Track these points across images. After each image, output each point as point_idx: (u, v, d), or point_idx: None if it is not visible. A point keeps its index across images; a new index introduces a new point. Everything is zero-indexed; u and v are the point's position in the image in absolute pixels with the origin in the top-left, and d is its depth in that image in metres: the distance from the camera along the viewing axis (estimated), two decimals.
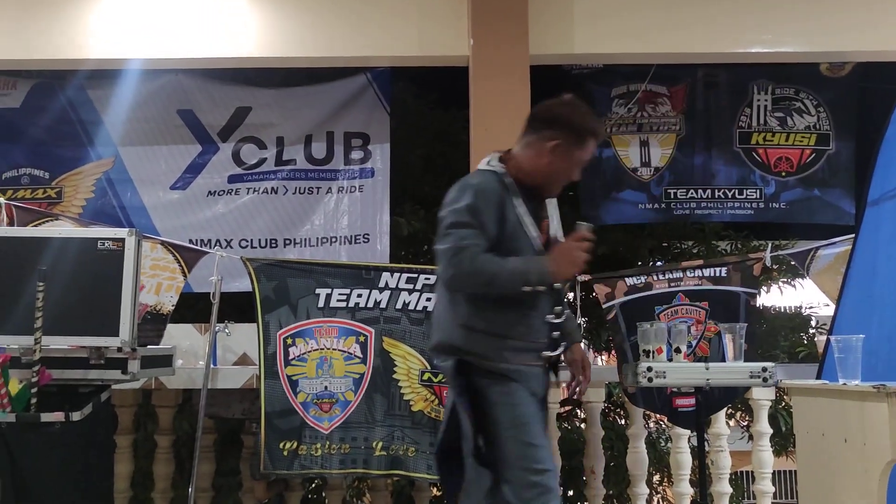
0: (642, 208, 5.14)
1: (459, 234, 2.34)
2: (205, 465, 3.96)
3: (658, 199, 5.12)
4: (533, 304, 2.43)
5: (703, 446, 3.34)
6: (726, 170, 5.12)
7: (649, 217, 5.20)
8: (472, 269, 2.32)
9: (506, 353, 2.41)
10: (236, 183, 5.03)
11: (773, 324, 5.53)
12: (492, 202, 2.37)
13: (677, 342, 3.19)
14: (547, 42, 4.34)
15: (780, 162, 5.09)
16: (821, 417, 2.67)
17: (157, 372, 3.49)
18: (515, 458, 2.38)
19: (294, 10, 4.41)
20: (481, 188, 2.40)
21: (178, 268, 3.90)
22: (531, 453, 2.39)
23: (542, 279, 2.34)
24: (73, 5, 4.39)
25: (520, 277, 2.33)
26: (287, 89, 5.06)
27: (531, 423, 2.42)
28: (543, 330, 2.46)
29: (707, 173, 5.13)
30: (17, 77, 5.01)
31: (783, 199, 5.09)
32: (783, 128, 5.11)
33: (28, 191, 5.01)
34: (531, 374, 2.45)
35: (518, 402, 2.41)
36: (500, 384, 2.41)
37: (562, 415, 5.55)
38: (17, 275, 3.06)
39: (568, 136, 2.43)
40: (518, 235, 2.42)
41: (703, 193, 5.11)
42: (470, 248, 2.32)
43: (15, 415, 2.90)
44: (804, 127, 5.10)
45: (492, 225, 2.37)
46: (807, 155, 5.09)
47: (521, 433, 2.40)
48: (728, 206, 5.11)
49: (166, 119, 5.06)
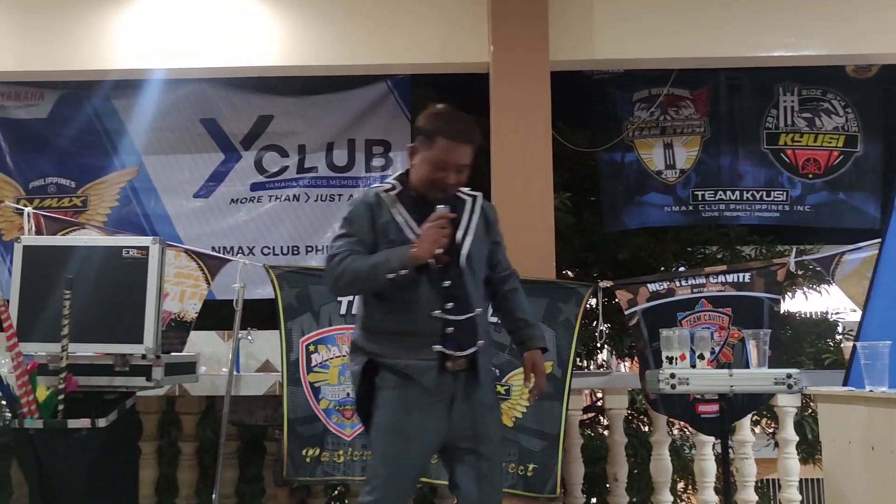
0: (668, 211, 5.07)
1: (333, 246, 2.54)
2: (228, 472, 3.99)
3: (685, 201, 5.04)
4: (413, 299, 2.46)
5: (727, 453, 3.31)
6: (754, 171, 5.04)
7: (677, 220, 5.12)
8: (341, 270, 2.46)
9: (395, 350, 2.48)
10: (258, 191, 5.07)
11: (798, 330, 5.47)
12: (362, 213, 2.53)
13: (700, 348, 3.16)
14: (567, 47, 4.33)
15: (808, 164, 5.00)
16: (847, 425, 2.64)
17: (180, 379, 3.53)
18: (369, 465, 2.54)
19: (315, 19, 4.44)
20: (353, 203, 2.61)
21: (201, 275, 3.93)
22: (373, 466, 2.52)
23: (403, 263, 2.38)
24: (99, 17, 4.44)
25: (382, 267, 2.41)
26: (308, 97, 5.10)
27: (390, 434, 2.48)
28: (432, 325, 2.47)
29: (735, 174, 5.05)
30: (44, 88, 5.09)
31: (808, 203, 5.01)
32: (811, 128, 5.02)
33: (55, 199, 5.08)
34: (422, 370, 2.45)
35: (393, 408, 2.48)
36: (391, 387, 2.48)
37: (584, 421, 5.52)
38: (44, 283, 3.12)
39: (421, 141, 2.54)
40: (398, 240, 2.50)
41: (732, 195, 5.03)
42: (340, 254, 2.48)
43: (43, 421, 2.95)
44: (832, 128, 5.02)
45: (367, 232, 2.51)
46: (835, 157, 5.01)
47: (379, 440, 2.50)
48: (755, 208, 5.03)
49: (189, 128, 5.11)
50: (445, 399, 2.48)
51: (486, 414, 2.54)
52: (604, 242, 5.52)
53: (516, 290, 2.73)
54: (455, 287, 2.50)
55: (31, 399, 2.97)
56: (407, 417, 2.47)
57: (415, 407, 2.46)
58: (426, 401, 2.47)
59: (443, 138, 2.48)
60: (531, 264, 3.90)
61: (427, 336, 2.46)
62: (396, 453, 2.48)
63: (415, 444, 2.48)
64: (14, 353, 2.98)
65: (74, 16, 4.45)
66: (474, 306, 2.52)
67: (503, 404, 3.65)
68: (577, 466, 3.93)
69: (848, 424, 2.63)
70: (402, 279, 2.39)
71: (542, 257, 3.98)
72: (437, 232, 2.40)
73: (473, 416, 2.50)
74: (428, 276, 2.45)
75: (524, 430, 3.65)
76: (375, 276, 2.41)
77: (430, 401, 2.47)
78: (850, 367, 3.06)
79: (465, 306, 2.50)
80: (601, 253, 5.57)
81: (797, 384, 3.03)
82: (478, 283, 2.59)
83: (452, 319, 2.47)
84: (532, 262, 3.92)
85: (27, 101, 5.11)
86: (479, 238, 2.60)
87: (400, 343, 2.48)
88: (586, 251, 5.57)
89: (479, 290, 2.59)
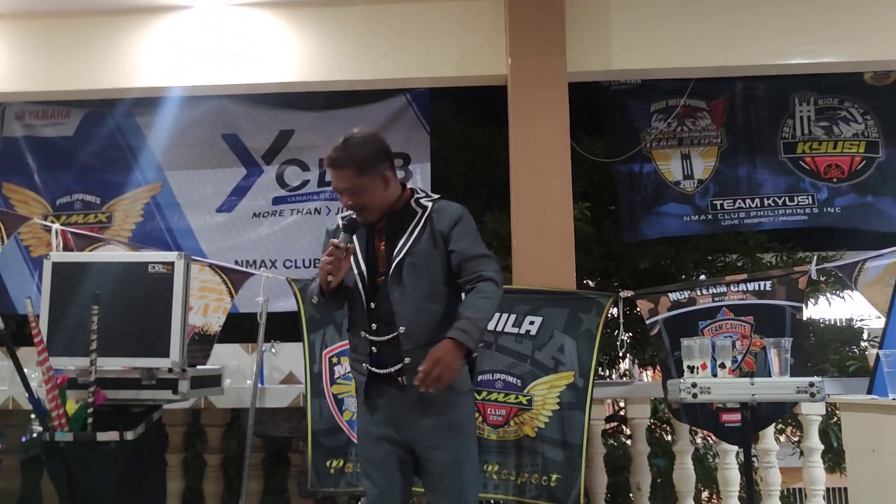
0: (688, 220, 5.06)
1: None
2: (253, 484, 4.02)
3: (704, 210, 5.04)
4: (353, 321, 2.68)
5: (749, 462, 3.30)
6: (773, 179, 5.03)
7: (696, 229, 5.12)
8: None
9: (350, 361, 2.75)
10: (280, 204, 5.13)
11: (822, 337, 5.44)
12: (325, 238, 2.76)
13: (722, 357, 3.15)
14: (585, 58, 4.34)
15: (830, 169, 4.98)
16: (871, 433, 2.63)
17: (206, 392, 3.56)
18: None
19: (335, 34, 4.50)
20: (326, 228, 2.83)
21: (225, 289, 3.98)
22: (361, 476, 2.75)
23: (315, 290, 2.66)
24: (123, 37, 4.53)
25: (311, 291, 2.71)
26: (329, 112, 5.15)
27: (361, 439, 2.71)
28: (363, 345, 2.63)
29: (753, 183, 5.04)
30: (70, 107, 5.19)
31: (837, 204, 4.96)
32: (830, 136, 5.01)
33: (81, 216, 5.16)
34: (359, 384, 2.66)
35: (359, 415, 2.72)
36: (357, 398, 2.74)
37: (607, 431, 5.52)
38: (73, 298, 3.17)
39: None
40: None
41: (752, 203, 5.02)
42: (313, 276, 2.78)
43: (73, 434, 2.99)
44: (852, 135, 5.00)
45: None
46: (857, 162, 4.98)
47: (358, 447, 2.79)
48: (780, 213, 5.00)
49: (211, 143, 5.17)
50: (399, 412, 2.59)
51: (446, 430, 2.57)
52: (624, 252, 5.53)
53: (473, 290, 2.55)
54: (380, 308, 2.59)
55: (61, 412, 3.02)
56: (368, 422, 2.65)
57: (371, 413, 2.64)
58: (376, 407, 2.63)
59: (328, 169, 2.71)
60: (551, 275, 3.94)
61: (361, 354, 2.63)
62: (372, 458, 2.62)
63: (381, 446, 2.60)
64: (45, 368, 3.04)
65: (99, 36, 4.54)
66: (398, 325, 2.54)
67: (525, 414, 3.67)
68: (600, 476, 3.93)
69: (872, 433, 2.62)
70: (319, 304, 2.67)
71: (562, 268, 3.99)
72: (323, 262, 2.57)
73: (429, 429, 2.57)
74: (358, 299, 2.62)
75: (547, 440, 3.65)
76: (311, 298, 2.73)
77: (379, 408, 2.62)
78: (875, 375, 3.04)
79: (388, 326, 2.56)
80: (621, 263, 5.58)
81: (819, 392, 3.01)
82: (413, 298, 2.54)
83: (375, 340, 2.59)
84: (552, 273, 3.95)
85: (54, 120, 5.21)
86: (419, 249, 2.57)
87: (351, 357, 2.73)
88: (606, 261, 5.58)
89: (416, 305, 2.54)
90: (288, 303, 4.15)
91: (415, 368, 2.46)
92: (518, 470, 3.65)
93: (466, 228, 2.62)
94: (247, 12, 4.53)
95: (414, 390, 2.49)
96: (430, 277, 2.57)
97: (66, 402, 3.06)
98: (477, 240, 2.64)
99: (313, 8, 4.51)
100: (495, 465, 3.66)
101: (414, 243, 2.57)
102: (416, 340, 2.53)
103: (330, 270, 2.53)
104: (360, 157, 2.57)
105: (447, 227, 2.60)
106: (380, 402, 2.61)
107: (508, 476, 3.65)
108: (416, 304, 2.55)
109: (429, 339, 2.50)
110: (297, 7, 4.51)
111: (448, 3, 4.46)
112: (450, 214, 2.62)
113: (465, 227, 2.62)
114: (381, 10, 4.48)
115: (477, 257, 2.59)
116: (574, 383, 3.67)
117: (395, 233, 2.61)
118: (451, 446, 2.57)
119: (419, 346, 2.51)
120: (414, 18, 4.47)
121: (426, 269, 2.57)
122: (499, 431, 3.68)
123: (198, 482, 4.24)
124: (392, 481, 2.58)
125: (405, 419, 2.57)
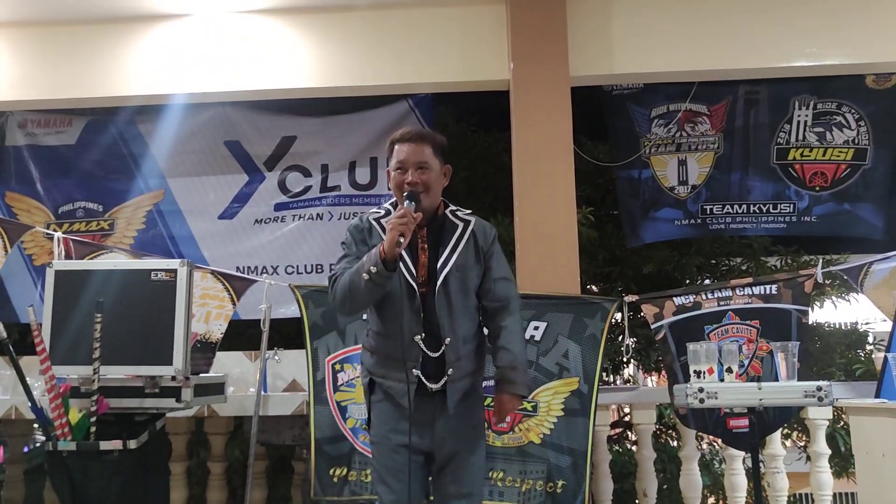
0: (678, 224, 5.15)
1: (333, 269, 2.66)
2: (257, 492, 4.00)
3: (694, 214, 5.14)
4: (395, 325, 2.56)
5: (757, 467, 3.27)
6: (762, 185, 5.11)
7: (686, 232, 5.20)
8: (336, 287, 2.58)
9: (382, 370, 2.63)
10: (282, 211, 5.12)
11: (827, 340, 5.41)
12: (356, 235, 2.67)
13: (728, 362, 3.13)
14: (587, 63, 4.34)
15: (815, 177, 5.07)
16: (880, 437, 2.61)
17: (209, 399, 3.55)
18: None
19: (337, 41, 4.50)
20: (349, 228, 2.72)
21: (227, 296, 3.97)
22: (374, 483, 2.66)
23: (375, 260, 2.45)
24: (124, 44, 4.54)
25: (359, 270, 2.49)
26: (331, 118, 5.15)
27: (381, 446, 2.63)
28: (410, 351, 2.55)
29: (743, 189, 5.13)
30: (72, 115, 5.19)
31: (815, 213, 5.07)
32: (821, 143, 5.07)
33: (83, 223, 5.16)
34: (402, 392, 2.56)
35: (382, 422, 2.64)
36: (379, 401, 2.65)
37: (612, 437, 5.49)
38: (76, 307, 3.16)
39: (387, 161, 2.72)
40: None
41: (739, 209, 5.11)
42: (335, 274, 2.60)
43: (75, 443, 2.98)
44: (843, 142, 5.06)
45: (360, 247, 2.63)
46: (842, 170, 5.05)
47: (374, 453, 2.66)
48: (762, 220, 5.11)
49: (214, 150, 5.18)
50: (427, 420, 2.58)
51: (467, 434, 2.62)
52: (627, 257, 5.52)
53: (506, 329, 2.66)
54: (429, 316, 2.57)
55: (64, 422, 3.01)
56: (392, 430, 2.59)
57: (398, 421, 2.58)
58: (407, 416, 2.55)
59: (395, 144, 2.67)
60: (555, 280, 3.92)
61: (410, 360, 2.57)
62: (392, 465, 2.58)
63: (401, 455, 2.56)
64: (47, 377, 3.03)
65: (101, 44, 4.55)
66: (444, 338, 2.56)
67: (530, 421, 3.65)
68: (606, 482, 3.91)
69: (881, 437, 2.60)
70: (377, 277, 2.44)
71: (566, 272, 3.98)
72: (395, 221, 2.45)
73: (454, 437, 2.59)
74: (408, 302, 2.55)
75: (552, 446, 3.63)
76: (357, 281, 2.49)
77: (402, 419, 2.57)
78: (882, 379, 3.02)
79: (437, 339, 2.57)
80: (625, 267, 5.56)
81: (827, 397, 2.99)
82: (457, 311, 2.59)
83: (426, 352, 2.56)
84: (556, 278, 3.93)
85: (56, 128, 5.22)
86: (464, 264, 2.61)
87: (385, 364, 2.63)
88: (610, 265, 5.57)
89: (458, 318, 2.59)
90: (291, 309, 4.13)
91: (456, 380, 2.56)
92: (523, 477, 3.63)
93: (499, 248, 2.74)
94: (248, 19, 4.53)
95: (452, 403, 2.56)
96: (470, 290, 2.65)
97: (69, 410, 3.05)
98: (506, 261, 2.76)
99: (315, 14, 4.51)
100: (500, 471, 3.63)
101: (459, 256, 2.62)
102: (458, 353, 2.59)
103: (403, 231, 2.43)
104: (441, 141, 2.71)
105: (488, 245, 2.70)
106: (407, 410, 2.55)
107: (513, 483, 3.63)
108: (459, 316, 2.60)
109: (462, 354, 2.60)
110: (300, 13, 4.51)
111: (450, 9, 4.46)
112: (489, 232, 2.73)
113: (498, 247, 2.74)
114: (384, 17, 4.48)
115: (506, 279, 2.72)
116: (579, 389, 3.66)
117: (437, 243, 2.63)
118: (470, 446, 2.65)
119: (458, 358, 2.59)
120: (416, 24, 4.47)
121: (468, 282, 2.63)
122: (504, 438, 3.66)
123: (201, 491, 4.22)
124: (409, 489, 2.57)
125: (433, 426, 2.59)
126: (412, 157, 2.61)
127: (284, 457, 4.47)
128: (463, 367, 2.60)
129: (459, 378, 2.58)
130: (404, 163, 2.61)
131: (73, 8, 4.46)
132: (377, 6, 4.48)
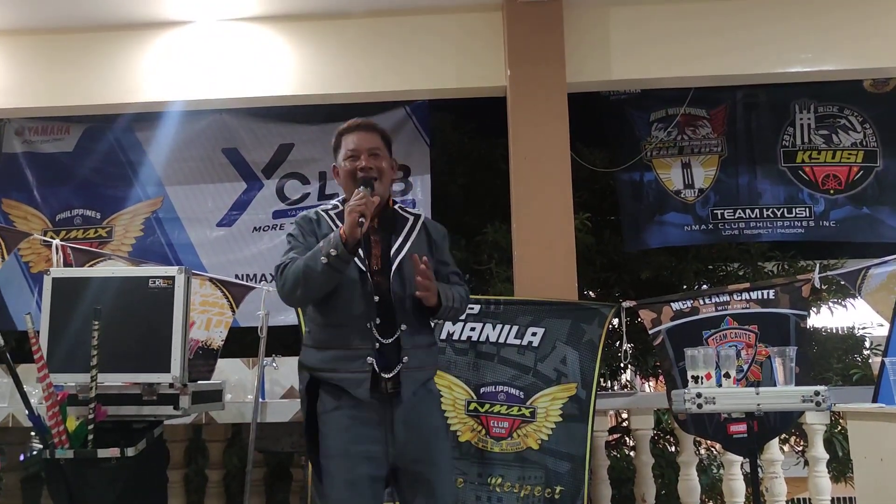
0: (688, 230, 5.06)
1: (281, 260, 2.55)
2: (255, 499, 4.00)
3: (705, 220, 5.04)
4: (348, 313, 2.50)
5: (756, 473, 3.27)
6: (773, 189, 5.04)
7: (697, 239, 5.12)
8: (285, 276, 2.49)
9: (332, 363, 2.51)
10: (280, 218, 5.12)
11: (825, 345, 5.42)
12: (304, 225, 2.63)
13: (726, 367, 3.13)
14: (584, 69, 4.35)
15: (827, 180, 4.99)
16: (879, 442, 2.61)
17: (207, 407, 3.53)
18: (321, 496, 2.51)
19: (334, 48, 4.51)
20: (295, 220, 2.68)
21: (226, 303, 3.97)
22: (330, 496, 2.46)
23: (335, 243, 2.39)
24: (122, 52, 4.54)
25: (317, 255, 2.43)
26: (329, 125, 5.14)
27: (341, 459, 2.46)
28: (365, 338, 2.49)
29: (753, 192, 5.04)
30: (69, 122, 5.20)
31: (833, 218, 4.98)
32: (829, 145, 5.02)
33: (81, 231, 5.16)
34: (356, 382, 2.46)
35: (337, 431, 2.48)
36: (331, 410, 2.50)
37: (610, 442, 5.49)
38: (73, 314, 3.14)
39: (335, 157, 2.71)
40: None
41: (752, 213, 5.02)
42: (283, 263, 2.52)
43: (73, 451, 2.97)
44: (850, 144, 5.01)
45: (311, 241, 2.56)
46: (854, 172, 4.99)
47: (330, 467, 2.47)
48: (777, 224, 5.01)
49: (212, 158, 5.19)
50: (385, 422, 2.48)
51: (429, 437, 2.54)
52: (625, 262, 5.52)
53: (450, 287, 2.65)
54: (383, 303, 2.52)
55: (61, 429, 2.99)
56: (351, 440, 2.47)
57: (355, 428, 2.47)
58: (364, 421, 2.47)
59: (343, 135, 2.68)
60: (553, 286, 3.92)
61: (360, 349, 2.49)
62: (353, 479, 2.44)
63: (363, 466, 2.45)
64: (45, 384, 3.01)
65: (98, 51, 4.55)
66: (399, 325, 2.52)
67: (528, 426, 3.65)
68: (605, 488, 3.90)
69: (879, 442, 2.60)
70: (336, 261, 2.39)
71: (563, 278, 3.98)
72: (354, 204, 2.42)
73: (415, 439, 2.50)
74: (361, 289, 2.50)
75: (550, 452, 3.63)
76: (313, 266, 2.42)
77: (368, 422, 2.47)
78: (880, 383, 3.02)
79: (391, 325, 2.52)
80: (623, 273, 5.57)
81: (826, 401, 2.99)
82: (411, 297, 2.54)
83: (379, 339, 2.50)
84: (554, 284, 3.94)
85: (53, 136, 5.22)
86: (417, 252, 2.57)
87: (336, 356, 2.51)
88: (608, 271, 5.57)
89: (413, 304, 2.55)
90: (289, 317, 4.14)
91: (411, 369, 2.50)
92: (521, 483, 3.63)
93: (447, 247, 2.77)
94: (246, 27, 4.54)
95: (407, 394, 2.49)
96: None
97: (67, 418, 3.03)
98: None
99: (312, 22, 4.52)
100: (498, 477, 3.63)
101: (413, 244, 2.62)
102: (413, 341, 2.54)
103: (363, 211, 2.39)
104: (389, 135, 2.75)
105: (440, 239, 2.73)
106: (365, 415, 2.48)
107: (512, 489, 3.63)
108: (413, 302, 2.55)
109: (418, 343, 2.55)
110: (297, 21, 4.52)
111: (447, 16, 4.48)
112: (440, 229, 2.76)
113: (447, 245, 2.77)
114: (381, 23, 4.49)
115: (459, 275, 2.75)
116: (577, 395, 3.66)
117: (388, 234, 2.63)
118: (437, 453, 2.56)
119: (414, 346, 2.53)
120: (413, 31, 4.48)
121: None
122: (502, 444, 3.66)
123: (199, 498, 4.21)
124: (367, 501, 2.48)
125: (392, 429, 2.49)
126: (364, 143, 2.63)
127: (283, 464, 4.47)
128: (418, 357, 2.53)
129: (415, 368, 2.52)
130: (356, 150, 2.62)
131: (70, 16, 4.46)
132: (374, 14, 4.49)
